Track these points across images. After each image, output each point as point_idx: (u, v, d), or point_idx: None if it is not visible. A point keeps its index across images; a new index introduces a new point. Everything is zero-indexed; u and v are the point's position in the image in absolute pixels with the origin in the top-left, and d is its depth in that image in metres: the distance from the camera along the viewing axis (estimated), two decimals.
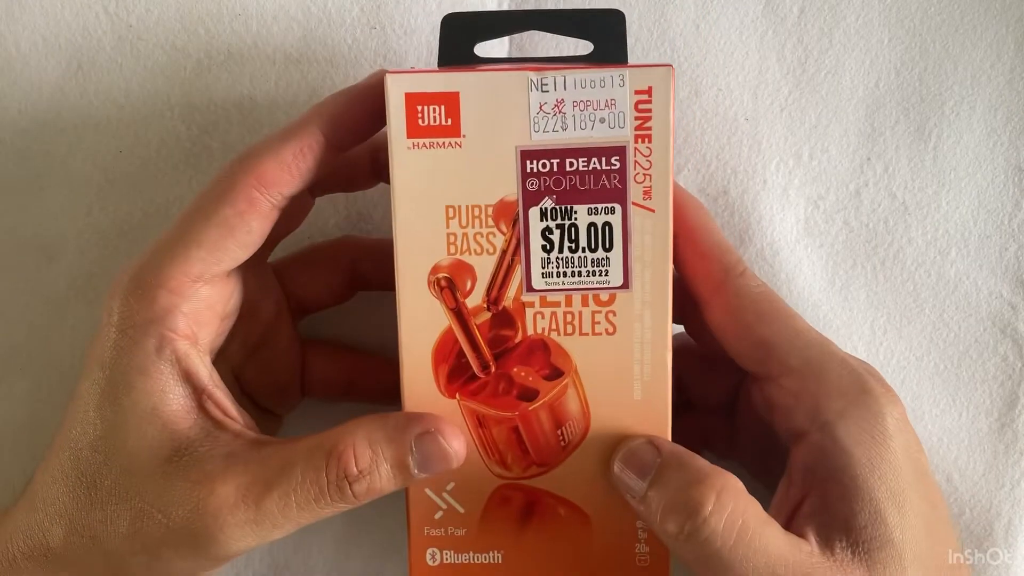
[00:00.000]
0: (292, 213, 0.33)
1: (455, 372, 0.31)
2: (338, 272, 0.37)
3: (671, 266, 0.30)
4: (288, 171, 0.30)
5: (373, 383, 0.37)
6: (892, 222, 0.38)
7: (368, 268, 0.36)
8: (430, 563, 0.32)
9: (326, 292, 0.37)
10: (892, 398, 0.30)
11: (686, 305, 0.33)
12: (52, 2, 0.37)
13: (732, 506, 0.28)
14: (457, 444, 0.30)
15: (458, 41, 0.32)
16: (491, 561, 0.32)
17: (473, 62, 0.32)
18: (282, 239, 0.35)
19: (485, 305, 0.30)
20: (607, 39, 0.31)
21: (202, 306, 0.30)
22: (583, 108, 0.29)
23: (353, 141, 0.31)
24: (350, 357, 0.38)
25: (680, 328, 0.35)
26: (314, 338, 0.38)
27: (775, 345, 0.31)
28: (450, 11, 0.33)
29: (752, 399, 0.33)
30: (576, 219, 0.30)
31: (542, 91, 0.29)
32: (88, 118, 0.38)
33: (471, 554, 0.32)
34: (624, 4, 0.37)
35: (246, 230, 0.30)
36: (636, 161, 0.29)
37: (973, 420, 0.39)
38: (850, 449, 0.29)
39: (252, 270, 0.34)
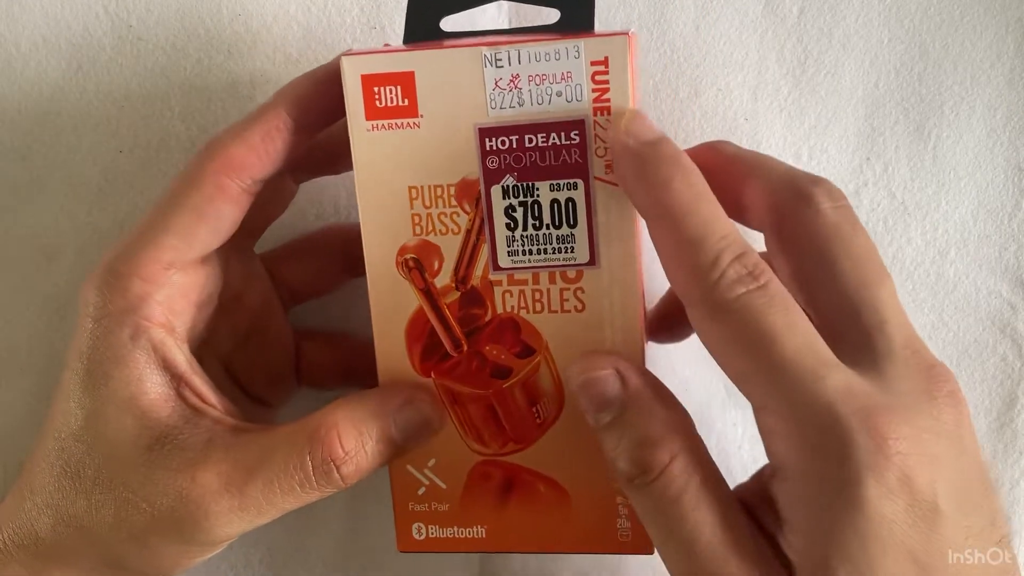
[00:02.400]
0: (273, 199, 0.33)
1: (428, 351, 0.31)
2: (329, 259, 0.37)
3: (639, 241, 0.29)
4: (256, 154, 0.30)
5: (370, 370, 0.37)
6: (891, 222, 0.38)
7: (359, 253, 0.36)
8: (416, 537, 0.32)
9: (317, 280, 0.37)
10: (884, 461, 0.23)
11: None
12: (52, 2, 0.37)
13: (683, 468, 0.26)
14: (436, 410, 0.31)
15: (425, 17, 0.31)
16: (475, 535, 0.32)
17: (439, 37, 0.31)
18: (267, 226, 0.35)
19: (453, 284, 0.30)
20: (574, 6, 0.30)
21: (176, 294, 0.30)
22: (539, 82, 0.28)
23: (321, 123, 0.31)
24: (345, 344, 0.38)
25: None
26: (308, 327, 0.38)
27: (746, 380, 0.26)
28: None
29: None
30: (538, 196, 0.29)
31: (496, 67, 0.28)
32: (88, 118, 0.38)
33: (455, 528, 0.32)
34: (624, 4, 0.37)
35: (216, 215, 0.30)
36: (596, 134, 0.29)
37: (972, 419, 0.39)
38: (803, 517, 0.25)
39: (236, 258, 0.34)
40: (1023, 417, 0.39)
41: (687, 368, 0.39)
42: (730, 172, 0.29)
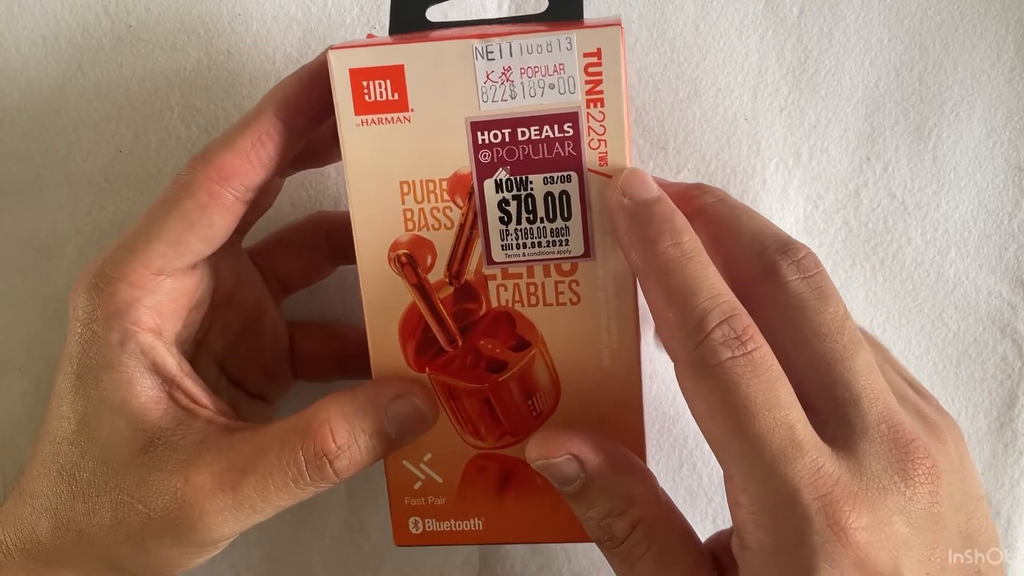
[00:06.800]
0: (260, 196, 0.33)
1: (423, 346, 0.31)
2: (315, 248, 0.37)
3: None
4: (248, 161, 0.29)
5: (365, 360, 0.37)
6: (891, 222, 0.38)
7: (344, 241, 0.36)
8: (413, 531, 0.33)
9: (305, 270, 0.37)
10: (840, 548, 0.24)
11: None
12: (52, 2, 0.37)
13: (644, 534, 0.28)
14: (430, 403, 0.31)
15: (410, 7, 0.31)
16: (472, 528, 0.32)
17: (425, 28, 0.31)
18: (255, 222, 0.35)
19: (447, 279, 0.30)
20: None
21: (165, 299, 0.30)
22: (531, 75, 0.28)
23: (311, 123, 0.30)
24: (339, 335, 0.38)
25: None
26: (300, 319, 0.38)
27: (719, 446, 0.26)
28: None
29: None
30: (532, 189, 0.29)
31: (488, 59, 0.28)
32: (88, 118, 0.38)
33: (452, 521, 0.32)
34: (624, 4, 0.37)
35: (207, 224, 0.30)
36: (590, 127, 0.28)
37: (972, 419, 0.39)
38: None
39: (226, 258, 0.34)
40: (1023, 417, 0.39)
41: None
42: (708, 231, 0.30)
